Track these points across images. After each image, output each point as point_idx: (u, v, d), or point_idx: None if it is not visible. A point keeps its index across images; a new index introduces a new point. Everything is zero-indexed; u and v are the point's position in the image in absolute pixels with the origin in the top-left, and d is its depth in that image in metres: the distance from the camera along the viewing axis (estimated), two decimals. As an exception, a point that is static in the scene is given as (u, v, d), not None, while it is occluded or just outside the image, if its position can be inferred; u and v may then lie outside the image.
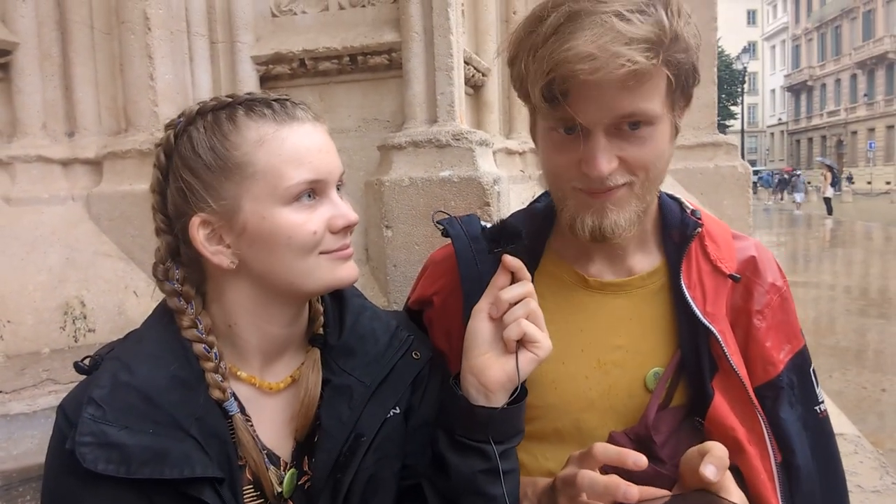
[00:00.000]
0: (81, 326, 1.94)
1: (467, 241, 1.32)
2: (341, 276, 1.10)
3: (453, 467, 1.08)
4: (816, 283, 11.11)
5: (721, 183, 3.21)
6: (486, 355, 1.08)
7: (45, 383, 1.86)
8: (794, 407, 1.26)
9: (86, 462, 0.94)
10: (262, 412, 1.14)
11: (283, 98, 1.09)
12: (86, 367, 1.11)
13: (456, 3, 2.32)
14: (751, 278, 1.27)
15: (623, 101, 1.04)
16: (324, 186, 1.06)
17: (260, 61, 2.55)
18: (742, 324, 1.25)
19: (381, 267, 2.26)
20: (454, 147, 2.18)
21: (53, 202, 2.15)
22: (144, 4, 2.20)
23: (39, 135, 2.22)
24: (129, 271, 2.10)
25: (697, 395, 1.22)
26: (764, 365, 1.25)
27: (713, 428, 1.19)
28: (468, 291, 1.28)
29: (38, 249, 2.00)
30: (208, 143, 1.05)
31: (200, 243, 1.06)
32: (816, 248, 16.07)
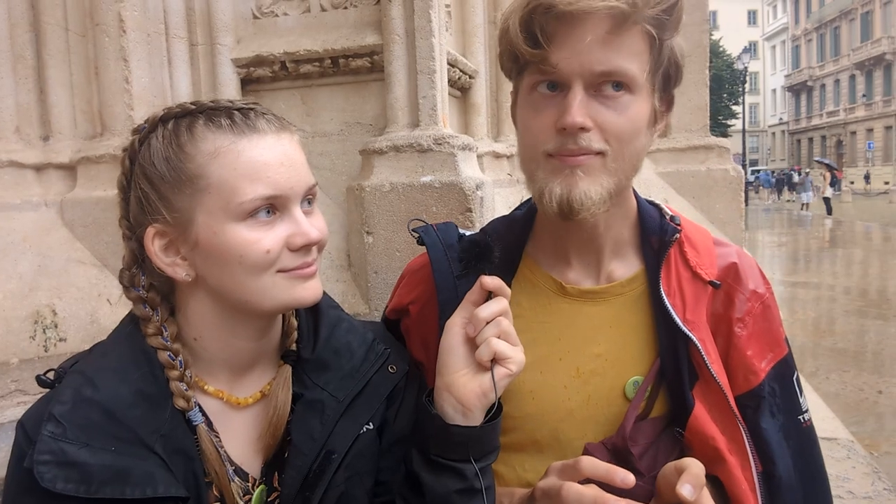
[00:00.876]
0: (52, 336, 1.89)
1: (443, 250, 1.29)
2: (300, 296, 1.04)
3: (428, 487, 1.05)
4: (816, 283, 11.09)
5: (713, 186, 3.17)
6: (461, 371, 1.05)
7: (14, 394, 1.82)
8: (775, 416, 1.23)
9: (44, 481, 0.91)
10: (230, 427, 1.10)
11: (248, 107, 1.05)
12: (49, 381, 1.08)
13: (439, 4, 2.28)
14: (732, 285, 1.23)
15: (602, 54, 1.04)
16: (284, 202, 1.01)
17: (241, 64, 2.51)
18: (723, 332, 1.22)
19: (363, 273, 2.21)
20: (436, 152, 2.14)
21: (25, 208, 2.10)
22: (119, 6, 2.15)
23: (12, 139, 2.17)
24: (102, 279, 2.05)
25: (677, 405, 1.19)
26: (745, 374, 1.22)
27: (693, 438, 1.16)
28: (443, 301, 1.25)
29: (9, 256, 1.96)
30: (164, 153, 1.02)
31: (155, 254, 1.03)
32: (816, 248, 16.03)
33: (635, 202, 1.27)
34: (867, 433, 4.67)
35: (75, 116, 2.26)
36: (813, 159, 48.04)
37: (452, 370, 1.05)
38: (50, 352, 1.87)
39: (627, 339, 1.23)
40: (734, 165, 3.22)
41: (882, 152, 44.69)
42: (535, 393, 1.22)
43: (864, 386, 5.70)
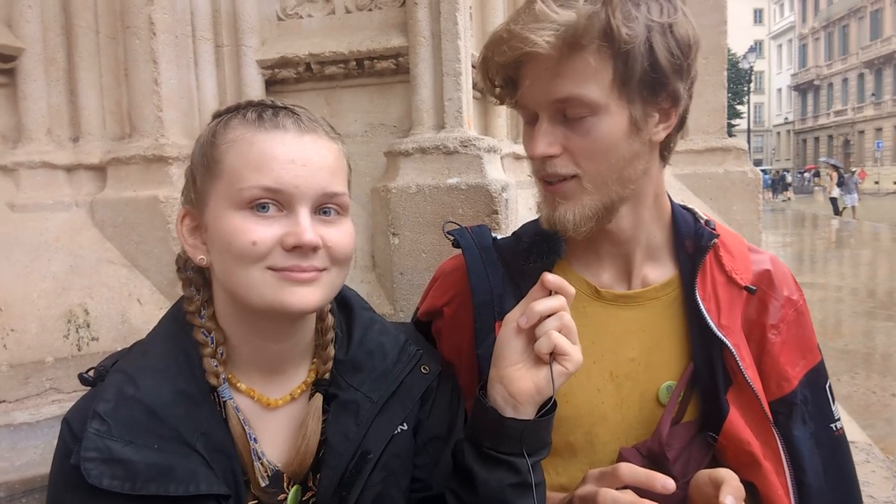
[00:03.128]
0: (85, 335, 1.92)
1: (478, 253, 1.32)
2: (285, 300, 1.00)
3: (481, 481, 1.05)
4: (823, 284, 11.06)
5: (730, 188, 3.18)
6: (516, 366, 1.05)
7: (49, 392, 1.85)
8: (806, 424, 1.25)
9: (90, 478, 0.94)
10: (263, 427, 1.12)
11: (283, 106, 1.07)
12: (90, 379, 1.12)
13: (464, 7, 2.30)
14: (766, 291, 1.25)
15: (554, 84, 1.08)
16: (288, 200, 1.00)
17: (265, 65, 2.53)
18: (756, 338, 1.24)
19: (388, 274, 2.23)
20: (462, 154, 2.16)
21: (57, 208, 2.13)
22: (150, 9, 2.18)
23: (44, 140, 2.20)
24: (132, 279, 2.08)
25: (710, 410, 1.21)
26: (778, 380, 1.24)
27: (728, 443, 1.18)
28: (479, 304, 1.28)
29: (42, 256, 1.99)
30: (203, 141, 1.07)
31: (182, 234, 1.08)
32: (822, 248, 16.00)
33: (669, 207, 1.29)
34: (880, 437, 4.67)
35: (104, 118, 2.29)
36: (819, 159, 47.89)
37: (507, 363, 1.06)
38: (83, 351, 1.90)
39: (661, 343, 1.25)
40: (752, 167, 3.24)
41: (892, 152, 44.55)
42: (570, 396, 1.24)
43: (875, 388, 5.68)
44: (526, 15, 1.06)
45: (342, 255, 1.06)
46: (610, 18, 1.03)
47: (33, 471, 1.70)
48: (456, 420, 1.23)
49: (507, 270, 1.29)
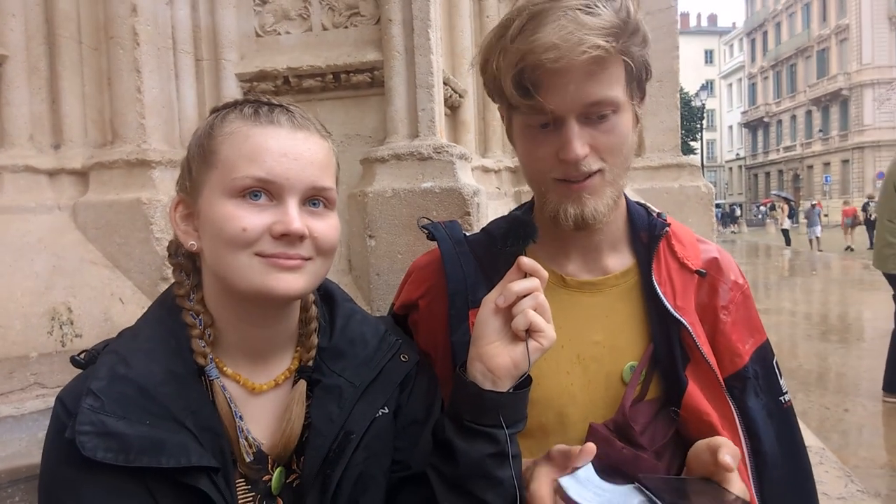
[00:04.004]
0: (68, 332, 1.95)
1: (452, 245, 1.40)
2: (271, 285, 1.04)
3: (461, 452, 1.09)
4: (777, 309, 11.38)
5: (686, 202, 3.35)
6: (494, 343, 1.11)
7: (33, 387, 1.87)
8: (759, 397, 1.34)
9: (85, 450, 0.96)
10: (248, 411, 1.15)
11: (278, 104, 1.13)
12: (82, 362, 1.14)
13: (436, 24, 2.43)
14: (715, 276, 1.36)
15: (589, 88, 1.14)
16: (279, 191, 1.05)
17: (244, 78, 2.62)
18: (709, 319, 1.33)
19: (365, 276, 2.31)
20: (435, 160, 2.27)
21: (40, 211, 2.17)
22: (133, 20, 2.26)
23: (26, 146, 2.24)
24: (114, 279, 2.12)
25: (671, 386, 1.29)
26: (731, 357, 1.33)
27: (688, 415, 1.25)
28: (453, 292, 1.35)
29: (26, 256, 2.02)
30: (201, 133, 1.13)
31: (175, 221, 1.14)
32: (776, 277, 16.47)
33: (625, 201, 1.39)
34: (835, 448, 4.82)
35: (86, 125, 2.34)
36: (770, 192, 49.37)
37: (486, 341, 1.11)
38: (67, 347, 1.92)
39: (623, 327, 1.33)
40: (705, 182, 3.42)
41: (839, 185, 46.10)
42: (540, 379, 1.28)
43: (829, 405, 5.88)
44: (566, 22, 1.09)
45: (327, 245, 1.11)
46: (632, 19, 1.14)
47: (18, 462, 1.71)
48: (433, 405, 1.28)
49: (479, 263, 1.38)
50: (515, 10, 1.15)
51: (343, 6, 2.61)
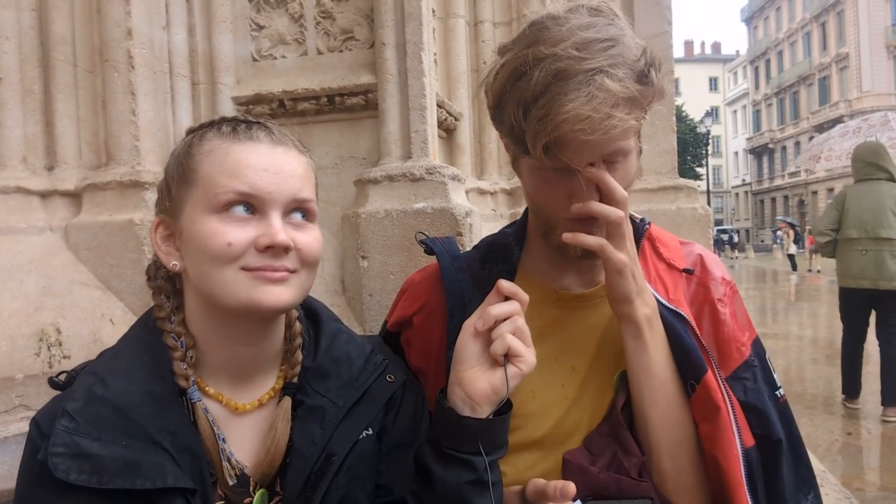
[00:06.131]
0: (56, 353, 1.94)
1: (450, 259, 1.39)
2: (258, 298, 1.04)
3: (439, 479, 1.08)
4: (785, 334, 11.30)
5: (683, 224, 3.33)
6: (474, 369, 1.10)
7: (18, 409, 1.85)
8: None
9: (58, 472, 0.94)
10: (231, 431, 1.14)
11: (256, 121, 1.14)
12: (60, 383, 1.13)
13: (429, 48, 2.44)
14: (702, 275, 1.35)
15: (609, 146, 1.14)
16: (261, 204, 1.06)
17: (240, 101, 2.64)
18: (708, 313, 1.32)
19: (357, 297, 2.30)
20: (428, 181, 2.27)
21: (31, 232, 2.17)
22: (129, 44, 2.28)
23: (19, 167, 2.25)
24: (105, 300, 2.11)
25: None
26: (737, 346, 1.31)
27: (705, 395, 1.22)
28: (452, 306, 1.34)
29: (15, 277, 2.01)
30: (178, 153, 1.14)
31: (156, 242, 1.13)
32: (783, 302, 16.38)
33: None
34: (838, 471, 4.78)
35: (80, 147, 2.36)
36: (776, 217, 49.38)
37: (465, 366, 1.11)
38: (54, 368, 1.91)
39: (615, 335, 1.33)
40: (702, 204, 3.40)
41: (843, 211, 46.00)
42: (536, 392, 1.30)
43: (833, 429, 5.81)
44: (595, 90, 1.06)
45: (311, 257, 1.11)
46: (653, 78, 1.13)
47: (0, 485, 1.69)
48: (419, 428, 1.26)
49: (474, 280, 1.38)
50: (532, 57, 1.11)
51: (338, 31, 2.63)
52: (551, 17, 1.14)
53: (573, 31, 1.10)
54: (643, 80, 1.11)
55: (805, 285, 20.06)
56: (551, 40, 1.10)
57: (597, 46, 1.08)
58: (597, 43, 1.09)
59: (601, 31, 1.11)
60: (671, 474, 1.24)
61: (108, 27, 2.31)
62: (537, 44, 1.11)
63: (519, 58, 1.13)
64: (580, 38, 1.09)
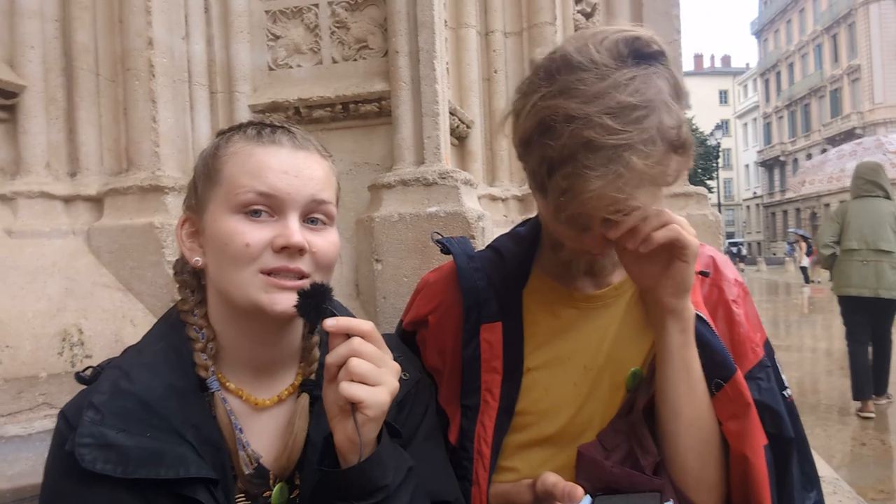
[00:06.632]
0: (79, 352, 1.98)
1: (465, 259, 1.43)
2: (272, 302, 1.07)
3: None
4: (799, 346, 11.24)
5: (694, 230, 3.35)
6: (335, 419, 1.04)
7: (41, 407, 1.89)
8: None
9: (84, 462, 0.98)
10: (251, 426, 1.17)
11: (281, 125, 1.19)
12: (86, 378, 1.17)
13: (441, 56, 2.49)
14: (715, 276, 1.38)
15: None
16: (280, 206, 1.09)
17: (257, 109, 2.69)
18: (722, 314, 1.35)
19: (371, 300, 2.33)
20: (440, 185, 2.31)
21: (54, 235, 2.22)
22: (150, 53, 2.34)
23: (43, 173, 2.30)
24: (126, 301, 2.16)
25: None
26: (752, 346, 1.33)
27: (734, 393, 1.24)
28: (468, 306, 1.38)
29: (39, 279, 2.06)
30: (206, 153, 1.19)
31: (181, 238, 1.18)
32: (797, 314, 16.27)
33: None
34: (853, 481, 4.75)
35: (102, 154, 2.41)
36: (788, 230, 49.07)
37: (329, 416, 1.05)
38: (76, 367, 1.94)
39: (629, 334, 1.36)
40: (712, 210, 3.43)
41: (855, 223, 45.64)
42: (549, 390, 1.34)
43: (847, 439, 5.79)
44: (624, 168, 1.03)
45: (325, 260, 1.15)
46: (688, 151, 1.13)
47: (24, 481, 1.71)
48: (420, 425, 1.29)
49: (488, 278, 1.41)
50: (562, 114, 1.06)
51: (352, 40, 2.69)
52: (591, 63, 1.07)
53: (609, 92, 1.04)
54: (676, 150, 1.09)
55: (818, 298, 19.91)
56: (585, 96, 1.05)
57: (631, 116, 1.03)
58: (632, 111, 1.03)
59: (639, 93, 1.04)
60: (695, 471, 1.25)
61: (129, 37, 2.37)
62: (570, 96, 1.06)
63: (549, 109, 1.09)
64: (616, 102, 1.03)
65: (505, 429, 1.34)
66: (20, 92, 2.29)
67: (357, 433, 0.99)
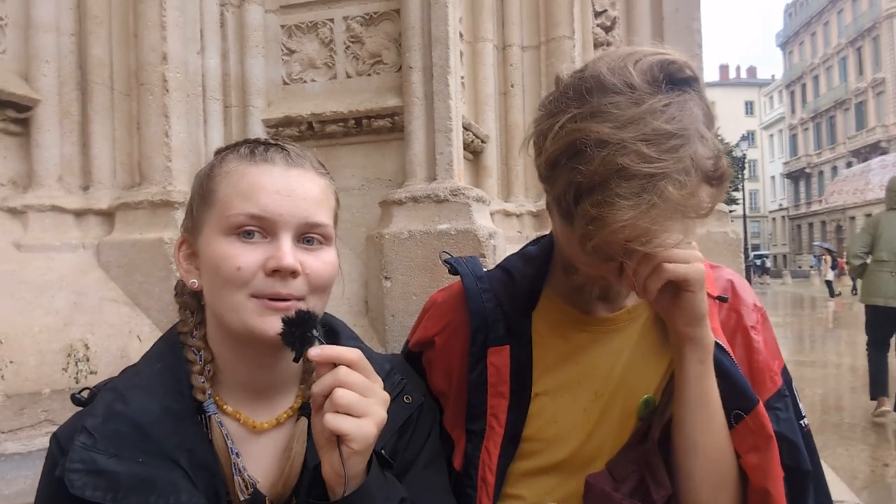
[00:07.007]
0: (84, 368, 1.97)
1: (474, 280, 1.39)
2: (264, 327, 1.04)
3: None
4: (823, 362, 11.03)
5: (713, 248, 3.28)
6: (322, 450, 1.00)
7: (43, 424, 1.88)
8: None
9: (73, 488, 0.96)
10: (248, 450, 1.15)
11: (272, 142, 1.15)
12: (82, 399, 1.14)
13: (455, 71, 2.47)
14: (734, 300, 1.32)
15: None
16: (272, 227, 1.06)
17: (270, 124, 2.69)
18: (741, 341, 1.29)
19: (380, 318, 2.31)
20: (452, 202, 2.28)
21: (64, 249, 2.22)
22: (163, 68, 2.35)
23: (55, 187, 2.31)
24: (133, 316, 2.15)
25: None
26: (770, 375, 1.27)
27: (755, 426, 1.19)
28: (475, 328, 1.33)
29: (46, 294, 2.06)
30: (202, 173, 1.16)
31: (179, 260, 1.15)
32: (821, 329, 16.00)
33: None
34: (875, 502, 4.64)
35: (115, 168, 2.42)
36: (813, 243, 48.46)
37: (318, 446, 1.01)
38: (81, 383, 1.94)
39: (642, 359, 1.30)
40: (732, 228, 3.35)
41: (881, 237, 45.06)
42: (558, 416, 1.29)
43: (870, 460, 5.66)
44: (658, 199, 0.98)
45: (320, 282, 1.11)
46: (725, 174, 1.09)
47: (21, 500, 1.70)
48: (424, 449, 1.25)
49: (497, 300, 1.37)
50: (594, 138, 1.00)
51: (367, 55, 2.68)
52: (626, 86, 1.02)
53: (644, 117, 0.99)
54: (711, 182, 1.04)
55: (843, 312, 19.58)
56: (619, 120, 1.00)
57: (667, 144, 0.98)
58: (668, 139, 0.98)
59: (675, 120, 1.00)
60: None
61: (144, 51, 2.37)
62: (602, 119, 1.01)
63: (580, 131, 1.03)
64: (651, 128, 0.98)
65: (510, 456, 1.30)
66: (34, 105, 2.30)
67: (342, 465, 0.96)
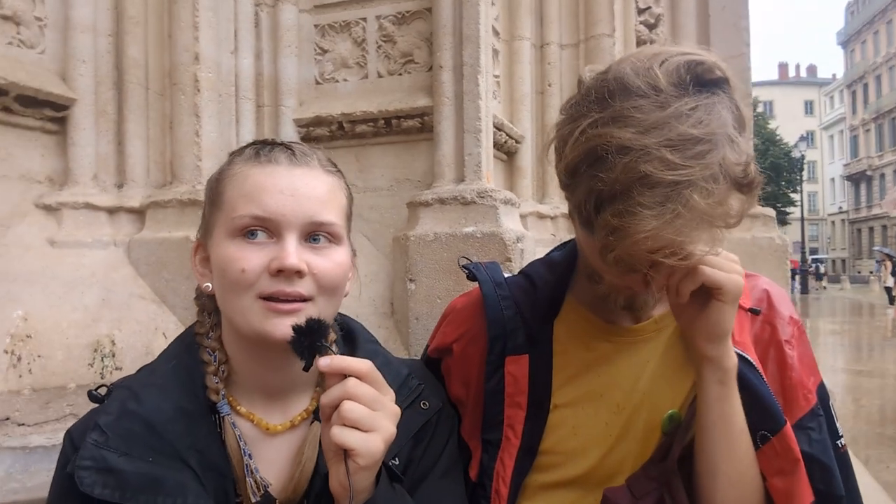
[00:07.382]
0: (109, 364, 2.00)
1: (493, 287, 1.34)
2: (270, 329, 1.03)
3: None
4: (881, 372, 10.62)
5: (758, 254, 3.16)
6: (331, 462, 0.98)
7: (68, 418, 1.90)
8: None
9: (83, 485, 0.97)
10: (261, 452, 1.14)
11: (278, 143, 1.14)
12: (99, 396, 1.15)
13: (486, 70, 2.42)
14: (769, 312, 1.25)
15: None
16: (276, 227, 1.05)
17: (301, 124, 2.69)
18: (774, 355, 1.23)
19: (404, 320, 2.28)
20: (479, 204, 2.24)
21: (96, 246, 2.26)
22: (195, 68, 2.37)
23: (90, 184, 2.36)
24: (160, 313, 2.18)
25: None
26: (804, 393, 1.21)
27: (782, 448, 1.14)
28: (493, 336, 1.29)
29: (76, 290, 2.10)
30: (212, 178, 1.16)
31: (194, 263, 1.15)
32: (878, 337, 15.40)
33: None
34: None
35: (149, 166, 2.46)
36: (873, 248, 46.74)
37: (327, 457, 1.00)
38: (105, 379, 1.97)
39: (668, 372, 1.25)
40: (779, 234, 3.22)
41: (947, 244, 43.17)
42: (578, 429, 1.24)
43: (928, 476, 5.41)
44: (683, 208, 0.93)
45: (329, 282, 1.08)
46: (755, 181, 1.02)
47: (44, 493, 1.72)
48: (441, 457, 1.22)
49: (518, 308, 1.33)
50: (616, 144, 0.96)
51: (398, 54, 2.66)
52: (651, 88, 0.97)
53: (668, 122, 0.94)
54: (741, 188, 0.97)
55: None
56: (642, 125, 0.95)
57: (693, 150, 0.93)
58: (694, 144, 0.93)
59: (702, 124, 0.94)
60: None
61: (177, 52, 2.40)
62: (625, 124, 0.96)
63: (600, 137, 0.98)
64: (676, 133, 0.93)
65: (526, 468, 1.26)
66: (71, 105, 2.35)
67: (349, 480, 0.93)
